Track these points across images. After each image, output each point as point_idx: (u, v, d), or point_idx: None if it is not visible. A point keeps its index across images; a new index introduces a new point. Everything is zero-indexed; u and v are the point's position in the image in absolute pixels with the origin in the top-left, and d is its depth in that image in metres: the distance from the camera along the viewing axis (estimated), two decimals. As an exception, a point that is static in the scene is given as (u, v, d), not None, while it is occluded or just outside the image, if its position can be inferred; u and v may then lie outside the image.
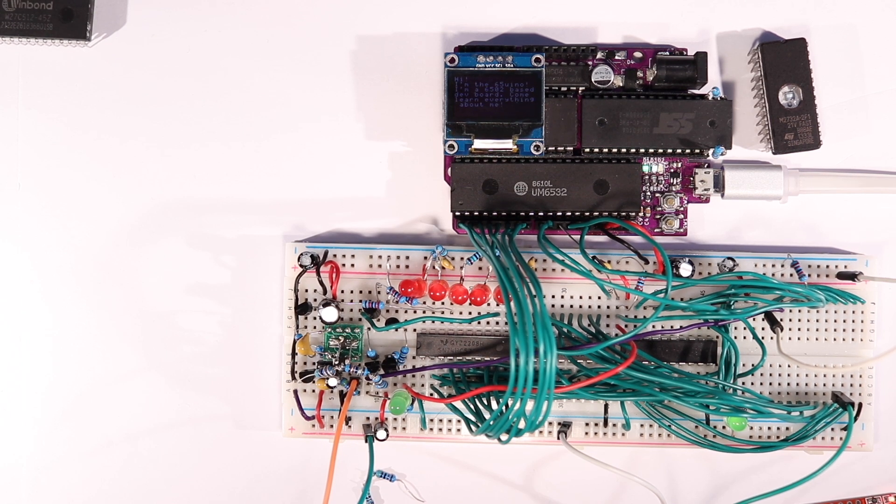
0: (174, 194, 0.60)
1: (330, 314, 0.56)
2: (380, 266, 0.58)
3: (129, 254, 0.60)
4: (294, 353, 0.58)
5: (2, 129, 0.60)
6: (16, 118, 0.60)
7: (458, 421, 0.58)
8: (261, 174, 0.60)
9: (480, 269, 0.58)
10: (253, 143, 0.60)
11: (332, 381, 0.56)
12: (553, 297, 0.58)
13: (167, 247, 0.60)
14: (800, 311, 0.58)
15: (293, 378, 0.58)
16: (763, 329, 0.58)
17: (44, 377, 0.60)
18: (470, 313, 0.58)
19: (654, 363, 0.57)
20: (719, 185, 0.57)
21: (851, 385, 0.59)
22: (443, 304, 0.58)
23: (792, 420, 0.57)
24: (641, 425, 0.59)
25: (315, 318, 0.58)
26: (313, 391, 0.58)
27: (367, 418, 0.59)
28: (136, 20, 0.60)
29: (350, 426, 0.59)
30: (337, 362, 0.56)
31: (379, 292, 0.58)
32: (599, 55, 0.58)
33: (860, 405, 0.58)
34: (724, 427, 0.58)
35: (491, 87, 0.56)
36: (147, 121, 0.60)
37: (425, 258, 0.58)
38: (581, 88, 0.58)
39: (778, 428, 0.58)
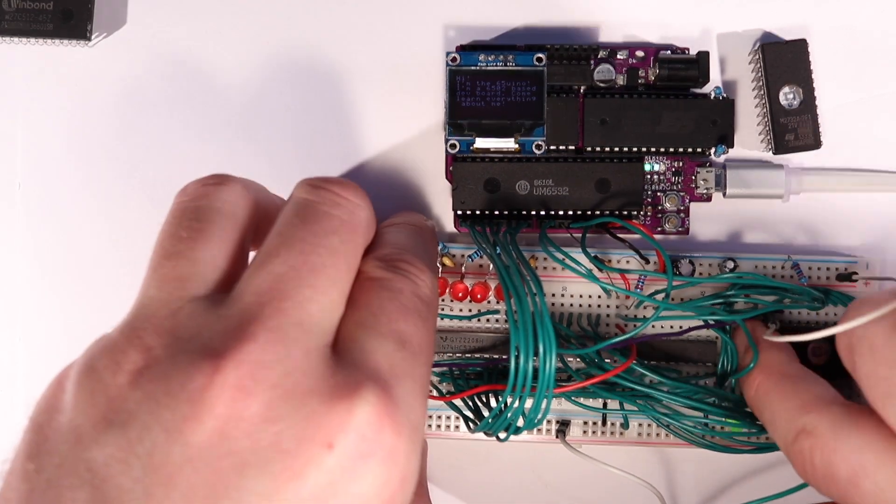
0: (175, 194, 0.60)
1: (330, 312, 0.56)
2: (380, 264, 0.58)
3: (130, 254, 0.60)
4: (294, 351, 0.58)
5: (2, 129, 0.60)
6: (16, 118, 0.60)
7: (457, 418, 0.58)
8: (261, 174, 0.59)
9: (481, 266, 0.58)
10: (253, 143, 0.60)
11: (332, 379, 0.56)
12: (553, 295, 0.58)
13: (167, 245, 0.60)
14: (799, 312, 0.58)
15: (292, 375, 0.58)
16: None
17: (44, 378, 0.60)
18: (470, 310, 0.58)
19: (653, 364, 0.57)
20: (721, 183, 0.58)
21: (851, 387, 0.58)
22: (443, 301, 0.58)
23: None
24: (640, 424, 0.58)
25: (315, 316, 0.58)
26: (313, 388, 0.58)
27: (367, 416, 0.59)
28: (137, 20, 0.60)
29: (350, 423, 0.58)
30: (337, 359, 0.56)
31: (379, 289, 0.58)
32: (601, 54, 0.58)
33: (859, 405, 0.58)
34: (722, 427, 0.58)
35: (493, 86, 0.56)
36: (148, 121, 0.60)
37: (426, 256, 0.58)
38: (583, 87, 0.58)
39: (778, 429, 0.58)
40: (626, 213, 0.57)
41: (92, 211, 0.60)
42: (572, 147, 0.57)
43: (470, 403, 0.56)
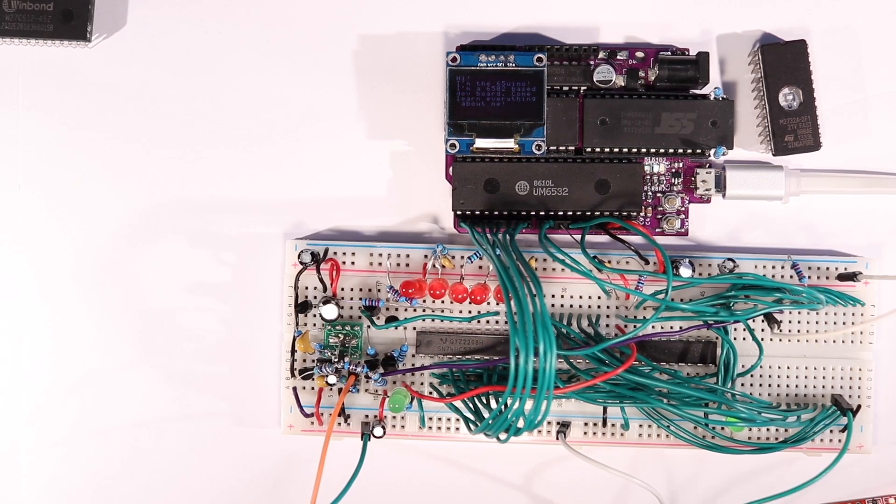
0: (175, 193, 0.60)
1: (330, 311, 0.56)
2: (380, 264, 0.58)
3: (129, 252, 0.60)
4: (294, 351, 0.58)
5: (2, 129, 0.60)
6: (16, 119, 0.60)
7: (457, 419, 0.58)
8: (262, 173, 0.60)
9: (481, 267, 0.58)
10: (254, 143, 0.60)
11: (332, 379, 0.56)
12: (553, 296, 0.58)
13: (168, 245, 0.60)
14: (799, 312, 0.58)
15: (292, 375, 0.58)
16: (763, 331, 0.58)
17: (43, 377, 0.60)
18: (470, 312, 0.58)
19: (652, 367, 0.57)
20: (721, 185, 0.57)
21: (850, 387, 0.59)
22: (442, 302, 0.58)
23: (790, 423, 0.57)
24: (640, 426, 0.58)
25: (315, 316, 0.58)
26: (312, 388, 0.58)
27: (367, 416, 0.59)
28: (137, 21, 0.60)
29: (349, 423, 0.58)
30: (336, 360, 0.56)
31: (379, 290, 0.58)
32: (601, 55, 0.58)
33: (858, 407, 0.58)
34: (722, 428, 0.58)
35: (493, 87, 0.56)
36: (147, 121, 0.60)
37: (426, 257, 0.58)
38: (583, 88, 0.58)
39: (777, 430, 0.58)
40: (625, 213, 0.57)
41: (92, 211, 0.60)
42: (572, 147, 0.57)
43: (470, 405, 0.56)
